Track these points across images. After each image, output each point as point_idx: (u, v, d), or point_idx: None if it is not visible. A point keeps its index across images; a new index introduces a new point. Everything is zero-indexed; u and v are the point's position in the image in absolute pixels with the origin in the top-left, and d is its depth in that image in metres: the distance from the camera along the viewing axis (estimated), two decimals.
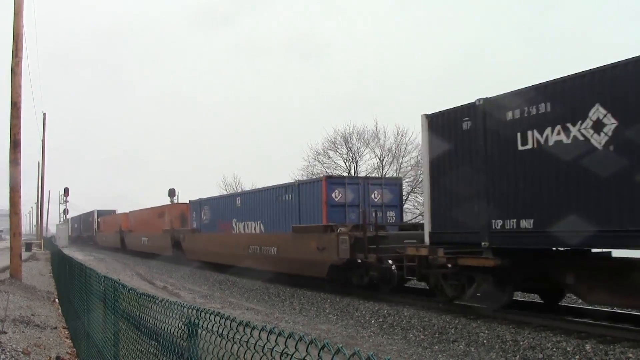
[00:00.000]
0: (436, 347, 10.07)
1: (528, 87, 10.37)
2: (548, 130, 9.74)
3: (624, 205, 8.70)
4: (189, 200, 31.01)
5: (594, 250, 10.14)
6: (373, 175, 35.78)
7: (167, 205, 36.02)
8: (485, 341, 10.01)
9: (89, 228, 65.06)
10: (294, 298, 16.50)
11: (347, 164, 40.73)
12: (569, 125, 9.42)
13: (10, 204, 17.48)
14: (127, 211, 47.16)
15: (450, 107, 12.22)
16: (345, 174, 36.25)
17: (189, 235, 29.18)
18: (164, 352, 3.50)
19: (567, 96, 9.55)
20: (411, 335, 10.99)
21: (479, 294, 11.72)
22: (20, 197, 17.49)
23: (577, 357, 8.63)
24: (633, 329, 9.55)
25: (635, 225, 8.47)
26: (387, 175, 34.68)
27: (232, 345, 2.47)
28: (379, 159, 39.65)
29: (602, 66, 9.07)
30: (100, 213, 60.49)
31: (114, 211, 58.38)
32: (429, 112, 12.75)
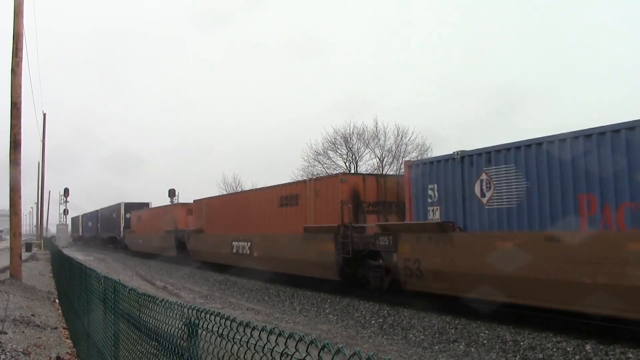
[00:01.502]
0: (436, 347, 10.07)
1: None
2: None
3: None
4: (405, 161, 16.85)
5: None
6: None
7: (314, 180, 19.25)
8: (485, 341, 10.01)
9: (112, 227, 50.51)
10: (294, 298, 16.50)
11: (347, 164, 40.78)
12: None
13: (10, 204, 17.47)
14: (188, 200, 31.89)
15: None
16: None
17: (427, 243, 12.82)
18: (164, 352, 3.50)
19: None
20: (411, 336, 11.00)
21: None
22: (20, 197, 17.49)
23: (577, 357, 8.64)
24: (633, 329, 9.55)
25: None
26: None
27: (232, 346, 2.47)
28: (379, 159, 39.70)
29: None
30: (130, 207, 46.78)
31: (147, 204, 46.97)
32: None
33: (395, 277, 13.99)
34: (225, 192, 48.49)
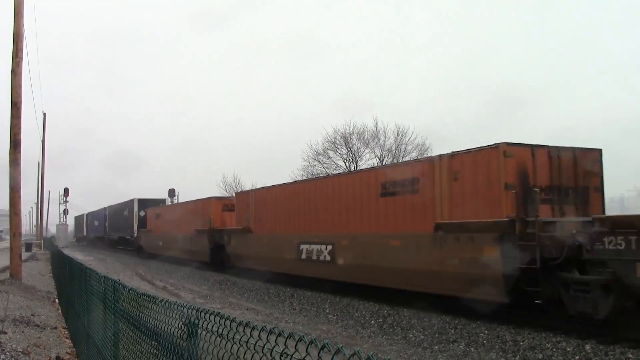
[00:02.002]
0: (436, 347, 10.07)
1: None
2: None
3: None
4: None
5: None
6: None
7: (449, 156, 12.52)
8: (485, 341, 10.01)
9: (124, 226, 45.19)
10: (294, 298, 16.50)
11: (347, 164, 40.80)
12: None
13: (10, 204, 17.47)
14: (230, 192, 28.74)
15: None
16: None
17: None
18: (164, 352, 3.50)
19: None
20: (411, 336, 11.00)
21: None
22: (20, 197, 17.48)
23: (577, 357, 8.64)
24: (633, 329, 9.55)
25: None
26: None
27: (232, 346, 2.47)
28: (379, 159, 39.71)
29: None
30: (145, 203, 41.63)
31: (162, 200, 42.62)
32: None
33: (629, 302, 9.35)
34: (225, 193, 48.26)
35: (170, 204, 41.00)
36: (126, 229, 44.03)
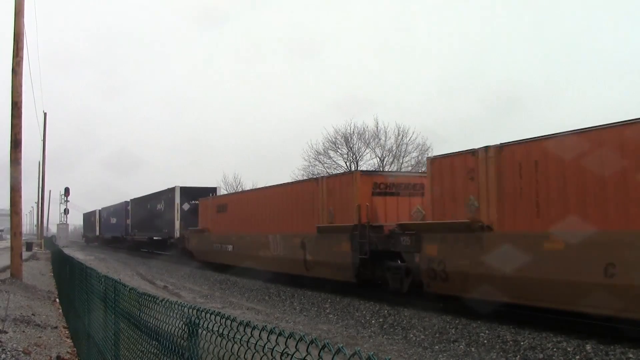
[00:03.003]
0: (437, 347, 10.07)
1: None
2: None
3: None
4: None
5: None
6: None
7: None
8: (485, 341, 10.02)
9: (158, 224, 34.30)
10: (295, 298, 16.50)
11: (347, 163, 40.84)
12: None
13: (11, 203, 17.51)
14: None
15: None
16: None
17: None
18: (165, 352, 3.50)
19: None
20: (412, 335, 11.00)
21: None
22: (20, 196, 17.50)
23: (577, 357, 8.64)
24: (633, 329, 9.54)
25: None
26: None
27: (233, 345, 2.47)
28: (380, 159, 39.77)
29: None
30: (191, 193, 30.98)
31: (213, 190, 31.11)
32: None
33: None
34: (225, 192, 48.09)
35: (265, 186, 26.07)
36: (161, 227, 33.36)
